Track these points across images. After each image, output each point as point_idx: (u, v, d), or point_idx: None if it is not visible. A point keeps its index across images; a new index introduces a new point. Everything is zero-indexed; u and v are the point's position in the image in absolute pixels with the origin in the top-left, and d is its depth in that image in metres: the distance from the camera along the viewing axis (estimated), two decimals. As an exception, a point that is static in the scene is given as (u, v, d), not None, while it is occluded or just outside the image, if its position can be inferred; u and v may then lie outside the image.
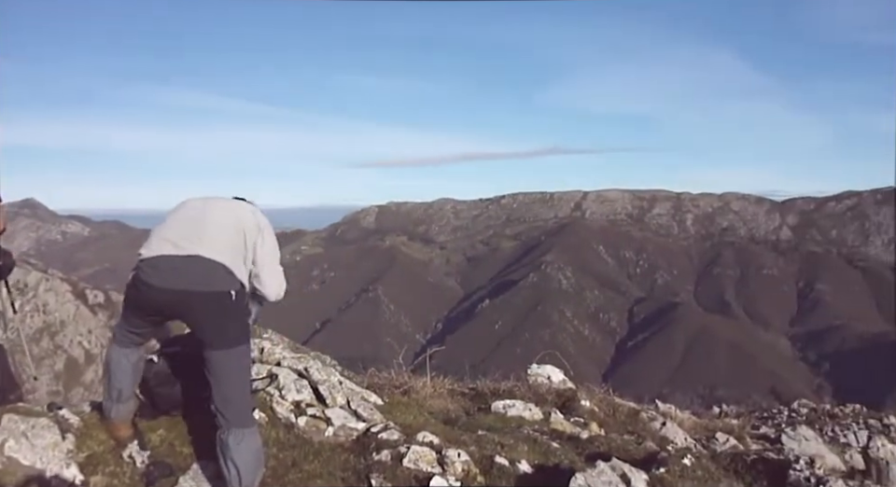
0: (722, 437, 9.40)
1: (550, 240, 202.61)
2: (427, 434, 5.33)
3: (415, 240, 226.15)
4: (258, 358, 6.15)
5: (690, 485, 4.86)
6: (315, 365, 6.03)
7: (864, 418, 15.58)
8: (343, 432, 5.35)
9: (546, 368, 9.41)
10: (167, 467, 4.61)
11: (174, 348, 4.95)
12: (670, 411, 11.09)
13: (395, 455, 4.90)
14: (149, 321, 4.43)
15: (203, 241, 4.18)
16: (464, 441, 5.45)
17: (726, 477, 5.37)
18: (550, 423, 7.06)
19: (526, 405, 7.39)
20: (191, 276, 4.06)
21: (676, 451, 5.74)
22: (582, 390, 8.94)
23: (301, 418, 5.38)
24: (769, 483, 5.40)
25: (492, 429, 6.18)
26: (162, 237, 4.22)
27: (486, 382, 8.70)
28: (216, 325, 4.08)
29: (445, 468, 4.81)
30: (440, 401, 7.50)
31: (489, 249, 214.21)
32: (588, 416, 7.90)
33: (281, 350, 6.33)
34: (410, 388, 7.54)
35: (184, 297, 4.04)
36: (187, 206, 4.48)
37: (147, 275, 4.09)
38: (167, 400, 4.95)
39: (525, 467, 5.09)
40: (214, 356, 4.09)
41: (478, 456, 5.08)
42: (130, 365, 4.57)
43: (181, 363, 4.80)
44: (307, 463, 4.85)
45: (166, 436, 4.94)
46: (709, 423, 11.74)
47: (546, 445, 5.79)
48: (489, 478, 4.88)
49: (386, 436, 5.24)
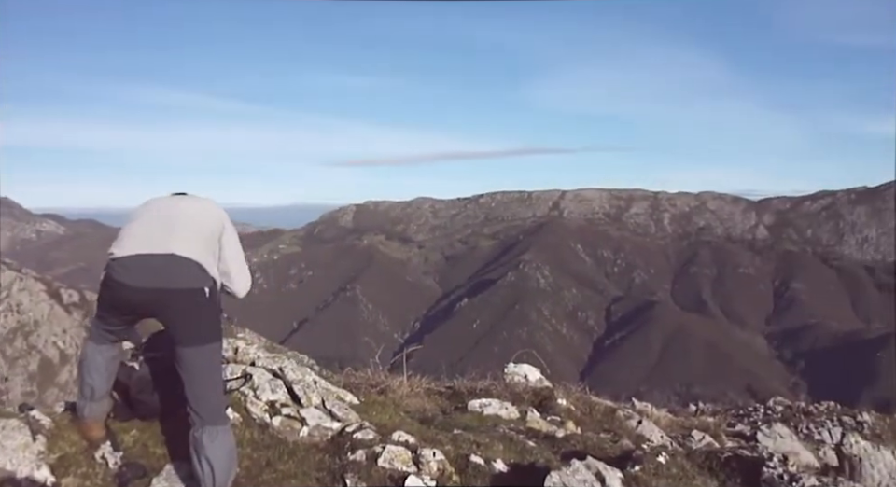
0: (698, 434, 9.45)
1: (528, 239, 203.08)
2: (403, 433, 5.31)
3: (393, 239, 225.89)
4: (232, 358, 6.11)
5: (664, 483, 4.87)
6: (290, 364, 6.00)
7: (838, 415, 15.72)
8: (318, 432, 5.32)
9: (523, 366, 9.43)
10: (140, 469, 4.56)
11: (155, 353, 4.90)
12: (646, 410, 11.15)
13: (370, 455, 4.88)
14: (124, 320, 4.39)
15: (176, 239, 4.16)
16: (439, 440, 5.44)
17: (701, 475, 5.38)
18: (526, 421, 7.06)
19: (503, 404, 7.39)
20: (166, 274, 4.04)
21: (651, 449, 5.76)
22: (559, 389, 8.97)
23: (275, 418, 5.35)
24: (743, 481, 5.42)
25: (468, 428, 6.18)
26: (134, 236, 4.19)
27: (463, 381, 8.71)
28: (191, 322, 4.06)
29: (420, 468, 4.79)
30: (416, 400, 7.49)
31: (467, 248, 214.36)
32: (564, 415, 7.92)
33: (255, 350, 6.28)
34: (387, 387, 7.53)
35: (159, 295, 4.02)
36: (155, 204, 4.45)
37: (120, 275, 4.05)
38: (147, 408, 4.91)
39: (501, 466, 5.09)
40: (188, 353, 4.06)
41: (453, 455, 5.07)
42: (104, 362, 4.53)
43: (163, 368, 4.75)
44: (282, 463, 4.82)
45: (139, 436, 4.89)
46: (685, 420, 11.82)
47: (522, 444, 5.80)
48: (464, 477, 4.87)
49: (361, 435, 5.22)
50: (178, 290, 4.04)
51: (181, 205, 4.45)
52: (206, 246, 4.30)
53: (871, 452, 10.09)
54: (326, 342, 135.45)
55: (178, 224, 4.27)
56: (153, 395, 4.84)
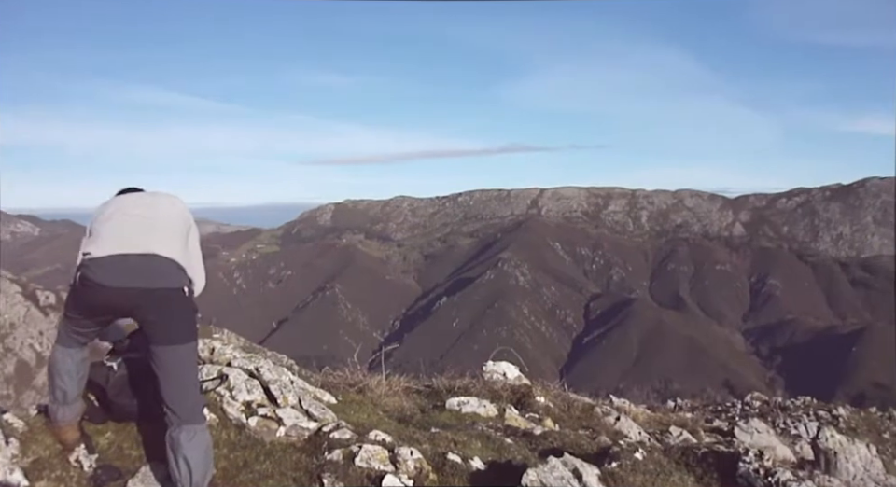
0: (676, 430, 9.52)
1: (507, 237, 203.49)
2: (380, 432, 5.30)
3: (372, 238, 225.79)
4: (208, 358, 6.07)
5: (641, 479, 4.89)
6: (266, 364, 5.96)
7: (814, 410, 15.93)
8: (295, 432, 5.29)
9: (502, 364, 9.45)
10: (115, 471, 4.51)
11: (133, 354, 4.84)
12: (625, 406, 11.21)
13: (347, 454, 4.86)
14: (98, 321, 4.34)
15: (155, 238, 4.13)
16: (417, 439, 5.43)
17: (677, 470, 5.41)
18: (504, 419, 7.07)
19: (481, 402, 7.40)
20: (147, 274, 4.00)
21: (628, 445, 5.78)
22: (537, 386, 8.99)
23: (252, 418, 5.31)
24: (720, 476, 5.45)
25: (446, 426, 6.17)
26: (111, 235, 4.13)
27: (442, 380, 8.70)
28: (170, 321, 4.03)
29: (398, 466, 4.78)
30: (395, 399, 7.47)
31: (446, 247, 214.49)
32: (543, 412, 7.94)
33: (231, 350, 6.24)
34: (365, 386, 7.50)
35: (140, 295, 3.98)
36: (125, 203, 4.40)
37: (98, 275, 3.98)
38: (125, 411, 4.85)
39: (478, 464, 5.09)
40: (168, 352, 4.03)
41: (431, 454, 5.06)
42: (74, 365, 4.46)
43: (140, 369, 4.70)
44: (258, 463, 4.79)
45: (114, 439, 4.84)
46: (664, 417, 11.89)
47: (500, 441, 5.80)
48: (442, 475, 4.87)
49: (338, 435, 5.20)
50: (159, 290, 4.01)
51: (153, 203, 4.41)
52: (182, 245, 4.28)
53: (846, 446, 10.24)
54: (305, 342, 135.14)
55: (155, 223, 4.23)
56: (132, 398, 4.78)
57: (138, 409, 4.79)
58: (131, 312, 4.10)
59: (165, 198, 4.53)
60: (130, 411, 4.83)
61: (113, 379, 4.75)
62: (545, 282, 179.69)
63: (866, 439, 12.14)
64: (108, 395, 4.76)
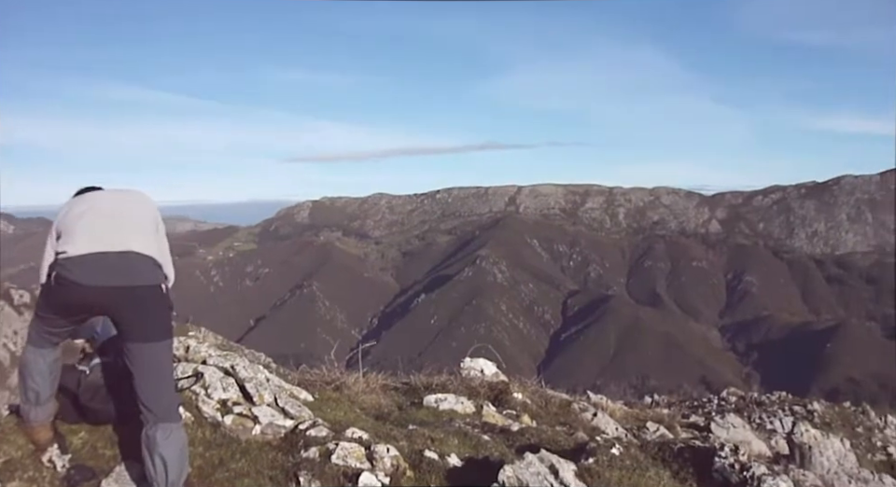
0: (653, 426, 9.57)
1: (484, 234, 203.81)
2: (357, 430, 5.29)
3: (350, 235, 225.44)
4: (183, 357, 6.02)
5: (618, 475, 4.90)
6: (242, 362, 5.93)
7: (790, 405, 16.08)
8: (271, 430, 5.27)
9: (479, 361, 9.46)
10: (89, 471, 4.47)
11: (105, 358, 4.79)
12: (602, 402, 11.26)
13: (323, 452, 4.84)
14: (72, 320, 4.29)
15: (131, 235, 4.11)
16: (394, 436, 5.42)
17: (654, 466, 5.43)
18: (482, 416, 7.08)
19: (459, 398, 7.40)
20: (126, 271, 3.97)
21: (605, 441, 5.79)
22: (515, 382, 9.01)
23: (227, 416, 5.28)
24: (696, 471, 5.48)
25: (423, 423, 6.18)
26: (86, 233, 4.09)
27: (419, 377, 8.69)
28: (147, 318, 4.00)
29: (374, 464, 4.77)
30: (372, 397, 7.45)
31: (424, 244, 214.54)
32: (520, 408, 7.95)
33: (207, 348, 6.20)
34: (342, 384, 7.48)
35: (119, 293, 3.94)
36: (96, 200, 4.35)
37: (74, 274, 3.93)
38: (99, 416, 4.80)
39: (455, 461, 5.09)
40: (144, 350, 4.00)
41: (407, 451, 5.06)
42: (46, 366, 4.41)
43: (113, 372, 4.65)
44: (234, 462, 4.76)
45: (88, 438, 4.79)
46: (640, 412, 11.95)
47: (477, 438, 5.80)
48: (419, 472, 4.86)
49: (315, 433, 5.18)
50: (139, 287, 3.98)
51: (124, 200, 4.38)
52: (157, 242, 4.26)
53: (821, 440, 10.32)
54: (282, 340, 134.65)
55: (130, 220, 4.21)
56: (108, 403, 4.72)
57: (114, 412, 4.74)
58: (108, 310, 4.06)
59: (134, 195, 4.50)
60: (105, 417, 4.78)
61: (84, 383, 4.70)
62: (523, 279, 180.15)
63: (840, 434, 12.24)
64: (81, 399, 4.71)
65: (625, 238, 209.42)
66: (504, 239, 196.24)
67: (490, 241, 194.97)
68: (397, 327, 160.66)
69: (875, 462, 12.95)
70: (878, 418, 16.50)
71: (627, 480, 4.90)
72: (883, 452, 13.76)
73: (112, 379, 4.66)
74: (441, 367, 9.20)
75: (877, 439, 14.50)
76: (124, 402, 4.51)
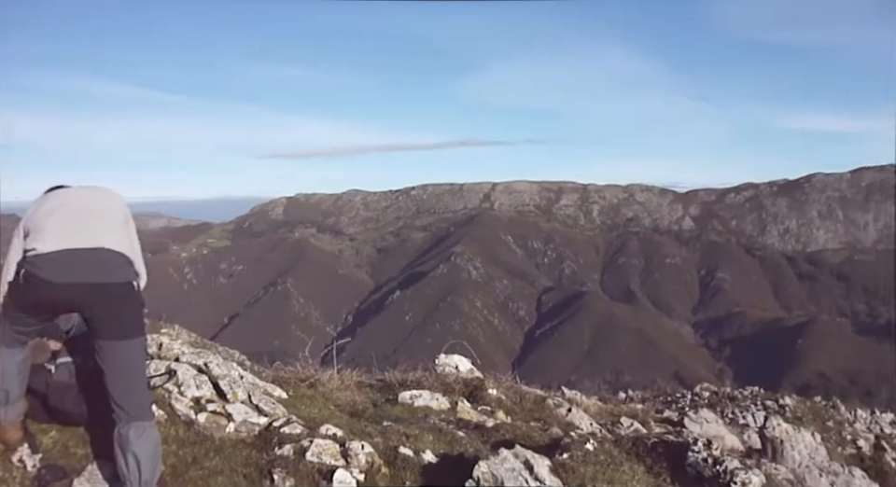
0: (627, 421, 9.63)
1: (459, 231, 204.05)
2: (331, 427, 5.27)
3: (325, 231, 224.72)
4: (156, 354, 5.97)
5: (592, 470, 4.93)
6: (216, 360, 5.89)
7: (762, 400, 16.24)
8: (245, 427, 5.24)
9: (454, 357, 9.46)
10: (60, 471, 4.41)
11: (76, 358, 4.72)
12: (576, 398, 11.30)
13: (297, 449, 4.83)
14: (42, 318, 4.24)
15: (103, 232, 4.07)
16: (369, 433, 5.42)
17: (628, 460, 5.46)
18: (457, 412, 7.08)
19: (433, 395, 7.40)
20: (97, 268, 3.93)
21: (579, 436, 5.83)
22: (490, 379, 9.02)
23: (201, 414, 5.25)
24: (669, 465, 5.52)
25: (398, 420, 6.17)
26: (56, 230, 4.04)
27: (394, 374, 8.68)
28: (119, 316, 3.97)
29: (349, 461, 4.77)
30: (347, 394, 7.43)
31: (399, 240, 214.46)
32: (495, 404, 7.96)
33: (180, 345, 6.16)
34: (316, 381, 7.45)
35: (90, 290, 3.90)
36: (65, 197, 4.29)
37: (46, 272, 3.88)
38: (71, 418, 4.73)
39: (430, 457, 5.10)
40: (117, 348, 3.96)
41: (382, 447, 5.06)
42: (15, 365, 4.34)
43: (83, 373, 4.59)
44: (208, 459, 4.73)
45: (59, 437, 4.73)
46: (615, 408, 12.02)
47: (451, 434, 5.81)
48: (394, 469, 4.86)
49: (289, 430, 5.16)
50: (111, 284, 3.95)
51: (94, 197, 4.33)
52: (128, 239, 4.22)
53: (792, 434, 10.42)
54: (257, 337, 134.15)
55: (100, 217, 4.16)
56: (79, 405, 4.66)
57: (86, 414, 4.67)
58: (79, 307, 4.03)
59: (104, 192, 4.45)
60: (76, 419, 4.72)
61: (52, 384, 4.63)
62: (497, 275, 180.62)
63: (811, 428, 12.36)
64: (51, 401, 4.64)
65: (599, 235, 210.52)
66: (479, 235, 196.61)
67: (465, 237, 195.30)
68: (371, 324, 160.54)
69: (845, 455, 13.10)
70: (848, 412, 16.71)
71: (602, 474, 4.93)
72: (853, 446, 13.92)
73: (83, 378, 4.60)
74: (415, 363, 9.20)
75: (847, 433, 14.67)
76: (96, 401, 4.46)
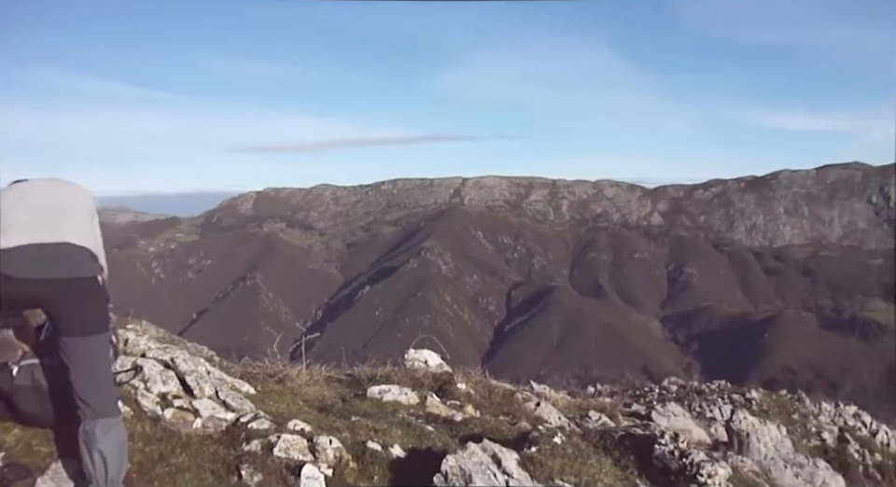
0: (595, 415, 9.70)
1: (429, 226, 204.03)
2: (299, 422, 5.26)
3: (294, 226, 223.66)
4: (121, 350, 5.91)
5: (560, 463, 4.96)
6: (183, 355, 5.85)
7: (729, 393, 16.43)
8: (212, 423, 5.21)
9: (423, 352, 9.48)
10: (23, 469, 4.35)
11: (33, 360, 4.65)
12: (545, 392, 11.36)
13: (265, 445, 4.82)
14: (4, 314, 4.20)
15: (67, 226, 4.01)
16: (337, 428, 5.41)
17: (595, 453, 5.51)
18: (426, 406, 7.09)
19: (402, 389, 7.40)
20: (62, 263, 3.87)
21: (547, 430, 5.87)
22: (459, 373, 9.04)
23: (167, 410, 5.21)
24: (636, 458, 5.58)
25: (367, 415, 6.17)
26: (19, 224, 3.98)
27: (364, 369, 8.68)
28: (84, 311, 3.92)
29: (317, 456, 4.76)
30: (315, 389, 7.42)
31: (369, 235, 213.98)
32: (464, 399, 7.98)
33: (146, 340, 6.11)
34: (285, 376, 7.42)
35: (54, 286, 3.85)
36: (28, 190, 4.24)
37: (9, 267, 3.81)
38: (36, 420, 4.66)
39: (398, 452, 5.11)
40: (82, 344, 3.92)
41: (350, 442, 5.06)
42: None
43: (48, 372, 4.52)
44: (174, 456, 4.69)
45: (22, 435, 4.65)
46: (583, 402, 12.10)
47: (420, 429, 5.82)
48: (361, 463, 4.87)
49: (256, 425, 5.14)
50: (75, 279, 3.90)
51: (58, 190, 4.28)
52: (92, 233, 4.17)
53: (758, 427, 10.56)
54: (225, 333, 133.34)
55: (65, 211, 4.11)
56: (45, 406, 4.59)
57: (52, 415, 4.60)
58: (44, 303, 3.97)
59: (68, 185, 4.39)
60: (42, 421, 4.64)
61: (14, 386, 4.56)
62: (467, 270, 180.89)
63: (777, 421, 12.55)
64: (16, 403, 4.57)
65: (569, 230, 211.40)
66: (449, 230, 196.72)
67: (435, 232, 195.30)
68: (341, 319, 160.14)
69: (809, 447, 13.31)
70: (813, 405, 16.98)
71: (569, 468, 4.96)
72: (818, 438, 14.14)
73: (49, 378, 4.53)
74: (385, 358, 9.21)
75: (812, 426, 14.89)
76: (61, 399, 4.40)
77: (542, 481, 4.65)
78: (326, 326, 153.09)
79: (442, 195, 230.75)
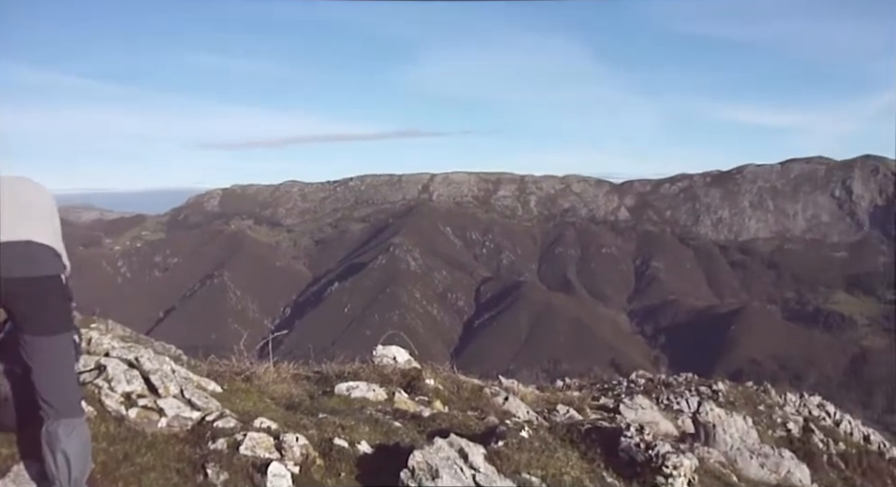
0: (563, 408, 9.77)
1: (398, 222, 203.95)
2: (265, 419, 5.24)
3: (262, 223, 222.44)
4: (85, 349, 5.84)
5: (527, 456, 4.98)
6: (147, 354, 5.79)
7: (696, 385, 16.65)
8: (177, 422, 5.17)
9: (391, 348, 9.47)
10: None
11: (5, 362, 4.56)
12: (513, 387, 11.42)
13: (231, 443, 4.79)
14: None
15: (30, 225, 3.95)
16: (304, 425, 5.39)
17: (562, 446, 5.54)
18: (394, 402, 7.09)
19: (370, 386, 7.39)
20: (27, 262, 3.82)
21: (515, 424, 5.88)
22: (427, 369, 9.04)
23: (132, 410, 5.16)
24: (603, 450, 5.62)
25: (334, 412, 6.16)
26: None
27: (332, 366, 8.65)
28: (47, 310, 3.87)
29: (283, 453, 4.74)
30: (283, 386, 7.38)
31: (337, 232, 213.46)
32: (432, 394, 7.99)
33: (109, 340, 6.04)
34: (252, 374, 7.38)
35: (20, 284, 3.79)
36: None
37: None
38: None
39: (366, 448, 5.11)
40: (44, 343, 3.87)
41: (317, 439, 5.05)
42: None
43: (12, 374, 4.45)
44: (139, 456, 4.65)
45: (-18, 437, 4.62)
46: (551, 396, 12.18)
47: (388, 425, 5.82)
48: (328, 460, 4.86)
49: (222, 424, 5.11)
50: (38, 278, 3.85)
51: (19, 188, 4.21)
52: (55, 232, 4.11)
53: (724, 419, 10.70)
54: (193, 331, 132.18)
55: (28, 209, 4.03)
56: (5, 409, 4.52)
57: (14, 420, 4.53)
58: (5, 302, 3.91)
59: (29, 183, 4.32)
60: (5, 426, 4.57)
61: None
62: (436, 266, 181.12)
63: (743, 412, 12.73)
64: None
65: (537, 225, 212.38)
66: (417, 226, 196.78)
67: (404, 228, 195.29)
68: (310, 316, 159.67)
69: (775, 437, 13.52)
70: (778, 396, 17.26)
71: (536, 461, 4.99)
72: (783, 428, 14.36)
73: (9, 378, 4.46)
74: (354, 355, 9.18)
75: (777, 416, 15.12)
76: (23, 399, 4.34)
77: (509, 475, 4.67)
78: (294, 323, 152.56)
79: (411, 191, 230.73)
